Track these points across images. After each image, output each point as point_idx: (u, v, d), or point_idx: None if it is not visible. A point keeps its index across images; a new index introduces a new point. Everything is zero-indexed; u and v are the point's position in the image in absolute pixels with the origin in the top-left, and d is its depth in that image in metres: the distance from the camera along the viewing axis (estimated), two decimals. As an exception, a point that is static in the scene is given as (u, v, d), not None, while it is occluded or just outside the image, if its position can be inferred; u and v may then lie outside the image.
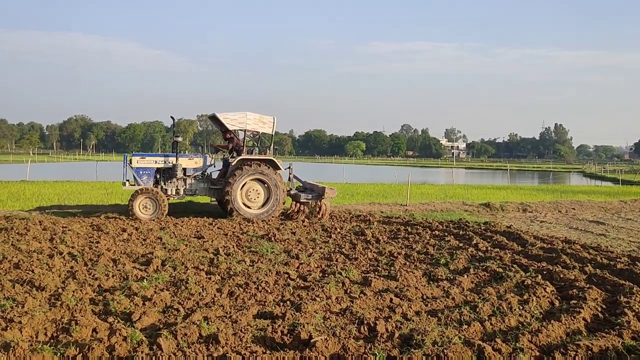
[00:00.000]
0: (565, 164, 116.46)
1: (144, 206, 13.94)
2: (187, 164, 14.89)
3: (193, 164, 14.99)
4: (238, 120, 14.75)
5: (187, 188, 14.91)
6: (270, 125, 15.14)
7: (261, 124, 15.03)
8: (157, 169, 14.78)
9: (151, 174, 14.67)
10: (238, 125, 14.86)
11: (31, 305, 6.06)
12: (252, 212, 14.43)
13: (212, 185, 15.00)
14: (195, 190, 14.99)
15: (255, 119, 14.88)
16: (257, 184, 14.60)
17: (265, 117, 15.09)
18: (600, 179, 50.38)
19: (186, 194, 15.02)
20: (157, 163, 14.73)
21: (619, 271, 8.29)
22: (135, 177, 14.52)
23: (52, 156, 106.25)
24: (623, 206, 20.17)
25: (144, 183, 14.45)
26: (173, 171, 14.66)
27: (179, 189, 14.81)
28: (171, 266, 8.30)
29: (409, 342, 5.13)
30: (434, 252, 9.95)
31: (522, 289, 7.30)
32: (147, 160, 14.68)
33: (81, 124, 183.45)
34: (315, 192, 15.15)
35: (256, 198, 14.59)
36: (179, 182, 14.79)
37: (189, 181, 14.90)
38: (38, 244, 9.78)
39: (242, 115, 14.75)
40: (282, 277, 7.80)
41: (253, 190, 14.55)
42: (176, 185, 14.78)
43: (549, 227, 14.43)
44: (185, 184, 14.88)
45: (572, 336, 5.45)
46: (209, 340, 5.10)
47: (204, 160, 15.19)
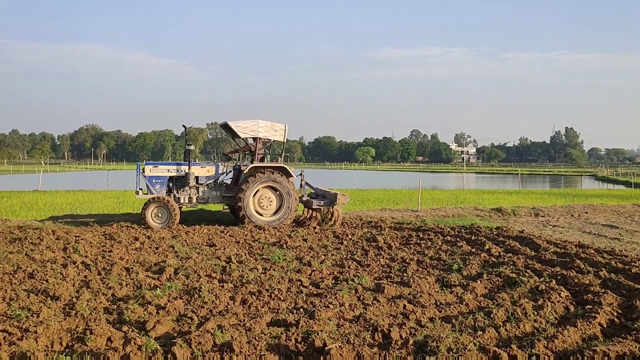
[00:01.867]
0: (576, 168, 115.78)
1: (156, 215, 13.99)
2: (199, 172, 14.99)
3: (205, 172, 15.08)
4: (250, 129, 14.87)
5: (199, 196, 14.96)
6: (281, 132, 15.27)
7: (273, 131, 15.15)
8: (170, 178, 14.87)
9: (164, 183, 14.75)
10: (250, 134, 14.98)
11: (46, 314, 6.09)
12: (265, 220, 14.45)
13: (225, 193, 15.05)
14: (207, 198, 15.05)
15: (267, 127, 15.01)
16: (270, 191, 14.64)
17: (277, 124, 15.21)
18: (612, 182, 50.07)
19: (199, 202, 15.08)
20: (169, 172, 14.82)
21: (634, 275, 8.22)
22: (148, 185, 14.59)
23: (64, 166, 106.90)
24: (637, 209, 20.01)
25: (157, 192, 14.52)
26: (186, 179, 14.75)
27: (192, 197, 14.87)
28: (184, 274, 8.32)
29: (424, 349, 5.11)
30: (446, 258, 9.91)
31: (537, 295, 7.24)
32: (159, 169, 14.77)
33: (92, 133, 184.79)
34: (327, 199, 15.16)
35: (268, 205, 14.61)
36: (192, 190, 14.86)
37: (201, 189, 14.96)
38: (52, 254, 9.84)
39: (254, 124, 14.87)
40: (294, 284, 7.80)
41: (265, 198, 14.58)
42: (189, 193, 14.84)
43: (561, 232, 14.33)
44: (198, 192, 14.94)
45: (588, 342, 5.41)
46: (223, 348, 5.10)
47: (216, 168, 15.28)
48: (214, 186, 15.22)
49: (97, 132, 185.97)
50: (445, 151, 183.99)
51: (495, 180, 59.59)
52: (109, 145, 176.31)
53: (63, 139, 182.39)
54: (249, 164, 14.89)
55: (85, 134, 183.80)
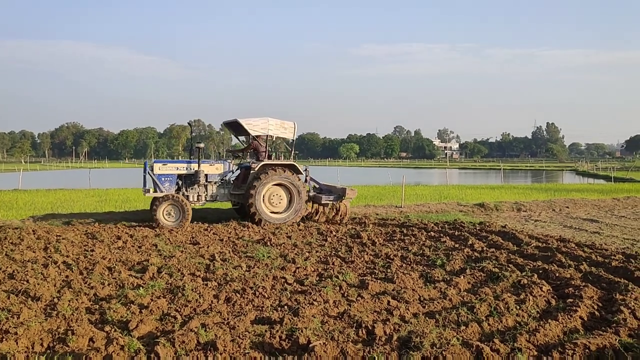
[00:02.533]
0: (557, 163, 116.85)
1: (168, 213, 13.86)
2: (208, 170, 14.94)
3: (214, 170, 15.04)
4: (260, 126, 14.97)
5: (208, 194, 14.92)
6: (291, 130, 15.48)
7: (282, 129, 15.34)
8: (179, 175, 14.80)
9: (173, 181, 14.65)
10: (260, 131, 15.07)
11: (27, 315, 6.02)
12: (275, 217, 14.55)
13: (233, 191, 15.08)
14: (216, 196, 15.03)
15: (276, 125, 15.17)
16: (280, 188, 14.74)
17: (286, 122, 15.39)
18: (592, 177, 50.58)
19: (207, 200, 15.04)
20: (178, 169, 14.73)
21: (614, 269, 8.32)
22: (157, 184, 14.43)
23: (45, 164, 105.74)
24: (616, 203, 20.26)
25: (166, 190, 14.41)
26: (196, 177, 14.69)
27: (201, 195, 14.82)
28: (167, 273, 8.27)
29: (408, 345, 5.13)
30: (430, 254, 9.96)
31: (519, 289, 7.31)
32: (169, 167, 14.67)
33: (73, 131, 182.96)
34: (335, 194, 15.31)
35: (279, 203, 14.71)
36: (201, 188, 14.82)
37: (210, 187, 14.92)
38: (32, 254, 9.72)
39: (264, 121, 14.98)
40: (279, 281, 7.79)
41: (276, 195, 14.69)
42: (198, 191, 14.79)
43: (543, 226, 14.47)
44: (207, 190, 14.90)
45: (569, 335, 5.47)
46: (207, 347, 5.08)
47: (224, 166, 15.30)
48: (222, 184, 15.21)
49: (79, 130, 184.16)
50: (428, 147, 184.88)
51: (478, 176, 59.99)
52: (90, 144, 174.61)
53: (43, 137, 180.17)
54: (259, 162, 14.93)
55: (66, 132, 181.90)
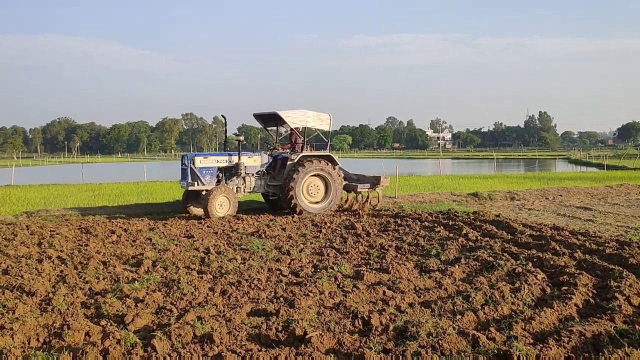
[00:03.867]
0: (550, 151, 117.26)
1: (220, 204, 14.17)
2: (247, 162, 15.24)
3: (252, 162, 15.36)
4: (299, 118, 15.34)
5: (247, 185, 15.26)
6: (327, 122, 15.83)
7: (319, 121, 15.67)
8: (219, 168, 15.05)
9: (214, 173, 14.92)
10: (299, 123, 15.46)
11: (22, 311, 6.00)
12: (314, 207, 14.96)
13: (270, 182, 15.38)
14: (254, 187, 15.38)
15: (314, 117, 15.50)
16: (317, 179, 15.14)
17: (323, 114, 15.72)
18: (585, 165, 50.86)
19: (245, 192, 15.38)
20: (219, 162, 15.05)
21: (608, 256, 8.36)
22: (199, 176, 14.65)
23: (37, 160, 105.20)
24: (609, 191, 20.34)
25: (207, 182, 14.68)
26: (236, 170, 15.02)
27: (240, 187, 15.17)
28: (162, 267, 8.25)
29: (404, 335, 5.14)
30: (424, 244, 9.98)
31: (514, 277, 7.34)
32: (209, 160, 14.97)
33: (65, 126, 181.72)
34: (368, 182, 15.72)
35: (316, 193, 15.13)
36: (240, 180, 15.12)
37: (248, 179, 15.24)
38: (26, 249, 9.68)
39: (302, 114, 15.33)
40: (274, 273, 7.79)
41: (313, 186, 15.09)
42: (237, 183, 15.11)
43: (537, 215, 14.52)
44: (245, 182, 15.22)
45: (564, 322, 5.49)
46: (203, 339, 5.07)
47: (262, 158, 15.59)
48: (259, 175, 15.47)
49: (70, 124, 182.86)
50: (421, 137, 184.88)
51: (471, 165, 60.15)
52: (82, 138, 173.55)
53: (35, 133, 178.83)
54: (297, 153, 15.24)
55: (58, 126, 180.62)
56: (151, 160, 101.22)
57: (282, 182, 14.96)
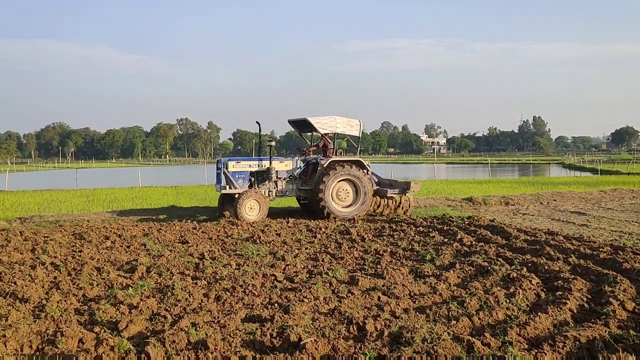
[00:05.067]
0: (544, 156, 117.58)
1: (250, 207, 14.42)
2: (278, 166, 15.55)
3: (284, 166, 15.73)
4: (329, 124, 15.58)
5: (278, 190, 15.60)
6: (357, 128, 16.08)
7: (349, 127, 15.92)
8: (251, 172, 15.41)
9: (246, 177, 15.33)
10: (329, 129, 15.66)
11: (15, 317, 5.96)
12: (343, 211, 15.09)
13: (302, 186, 15.60)
14: (285, 191, 15.71)
15: (343, 122, 15.75)
16: (347, 183, 15.29)
17: (352, 120, 15.97)
18: (579, 170, 50.97)
19: (277, 196, 15.66)
20: (251, 167, 15.44)
21: (603, 261, 8.38)
22: (232, 180, 15.04)
23: (31, 165, 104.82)
24: (603, 196, 20.40)
25: (240, 186, 15.07)
26: (268, 174, 15.38)
27: (272, 191, 15.53)
28: (156, 273, 8.22)
29: (399, 340, 5.14)
30: (419, 249, 9.98)
31: (508, 282, 7.34)
32: (242, 165, 15.39)
33: (59, 131, 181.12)
34: (399, 187, 15.85)
35: (346, 197, 15.30)
36: (271, 184, 15.46)
37: (280, 183, 15.56)
38: (20, 255, 9.63)
39: (331, 120, 15.57)
40: (268, 279, 7.77)
41: (343, 190, 15.25)
42: (269, 187, 15.47)
43: (531, 220, 14.54)
44: (277, 186, 15.52)
45: (559, 327, 5.50)
46: (197, 346, 5.05)
47: (293, 163, 15.88)
48: (290, 180, 15.73)
49: (65, 130, 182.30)
50: (416, 142, 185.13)
51: (466, 170, 60.27)
52: (77, 143, 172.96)
53: (29, 138, 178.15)
54: (327, 158, 15.41)
55: (52, 132, 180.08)
56: (146, 165, 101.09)
57: (313, 187, 15.16)
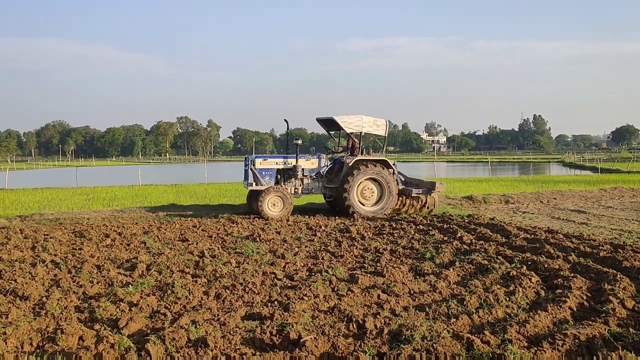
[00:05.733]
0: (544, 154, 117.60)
1: (273, 204, 14.71)
2: (304, 164, 15.76)
3: (310, 164, 15.93)
4: (355, 124, 15.66)
5: (304, 187, 15.80)
6: (383, 127, 16.15)
7: (375, 126, 16.01)
8: (278, 170, 15.69)
9: (272, 175, 15.60)
10: (355, 128, 15.75)
11: (15, 315, 5.97)
12: (367, 210, 15.16)
13: (327, 184, 15.73)
14: (311, 189, 15.89)
15: (370, 122, 15.82)
16: (372, 182, 15.36)
17: (379, 119, 16.05)
18: (579, 168, 50.96)
19: (302, 193, 15.83)
20: (277, 164, 15.72)
21: (602, 259, 8.38)
22: (258, 177, 15.30)
23: (31, 163, 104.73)
24: (603, 194, 20.40)
25: (266, 183, 15.29)
26: (294, 172, 15.65)
27: (297, 188, 15.73)
28: (156, 270, 8.23)
29: (398, 338, 5.14)
30: (419, 247, 9.99)
31: (508, 280, 7.35)
32: (269, 162, 15.67)
33: (59, 129, 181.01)
34: (424, 187, 15.93)
35: (371, 196, 15.35)
36: (297, 181, 15.71)
37: (305, 181, 15.77)
38: (20, 253, 9.64)
39: (358, 119, 15.65)
40: (268, 277, 7.78)
41: (368, 189, 15.31)
42: (295, 184, 15.67)
43: (531, 218, 14.55)
44: (303, 184, 15.75)
45: (559, 325, 5.50)
46: (197, 344, 5.06)
47: (319, 161, 16.00)
48: (316, 178, 15.90)
49: (65, 128, 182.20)
50: (416, 141, 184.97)
51: (466, 169, 60.25)
52: (77, 142, 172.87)
53: (29, 136, 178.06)
54: (352, 157, 15.51)
55: (52, 130, 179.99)
56: (146, 163, 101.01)
57: (338, 185, 15.25)
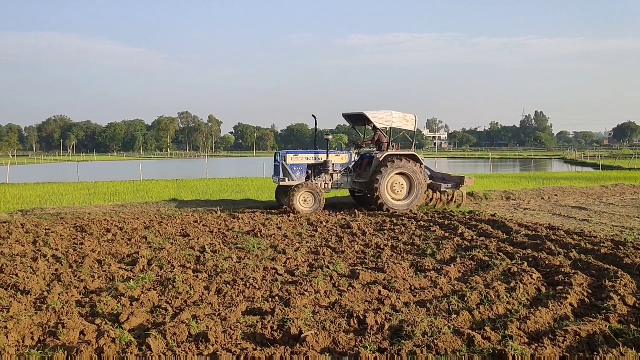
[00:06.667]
0: (546, 151, 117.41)
1: (304, 200, 14.86)
2: (335, 159, 15.84)
3: (340, 159, 16.01)
4: (385, 119, 15.76)
5: (334, 182, 15.90)
6: (412, 122, 16.30)
7: (405, 121, 16.14)
8: (309, 165, 15.77)
9: (304, 170, 15.69)
10: (385, 123, 15.87)
11: (16, 309, 5.98)
12: (397, 204, 15.28)
13: (356, 179, 15.84)
14: (341, 184, 16.02)
15: (399, 117, 15.92)
16: (402, 177, 15.48)
17: (408, 115, 16.19)
18: (581, 165, 50.94)
19: (332, 188, 15.94)
20: (308, 160, 15.78)
21: (603, 256, 8.38)
22: (290, 172, 15.42)
23: (32, 158, 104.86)
24: (604, 191, 20.36)
25: (297, 179, 15.41)
26: (325, 167, 15.69)
27: (328, 184, 15.84)
28: (158, 265, 8.24)
29: (399, 334, 5.15)
30: (420, 243, 9.99)
31: (509, 277, 7.35)
32: (300, 157, 15.73)
33: (61, 124, 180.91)
34: (452, 182, 16.14)
35: (400, 190, 15.46)
36: (327, 176, 15.78)
37: (336, 176, 15.88)
38: (21, 247, 9.65)
39: (388, 114, 15.72)
40: (269, 272, 7.78)
41: (398, 184, 15.43)
42: (325, 179, 15.77)
43: (532, 215, 14.54)
44: (333, 179, 15.86)
45: (560, 322, 5.50)
46: (198, 339, 5.07)
47: (349, 156, 16.07)
48: (345, 173, 15.99)
49: (66, 123, 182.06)
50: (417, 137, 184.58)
51: (467, 165, 60.19)
52: (78, 137, 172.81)
53: (30, 131, 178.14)
54: (383, 152, 15.60)
55: (54, 125, 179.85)
56: (147, 159, 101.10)
57: (368, 180, 15.34)
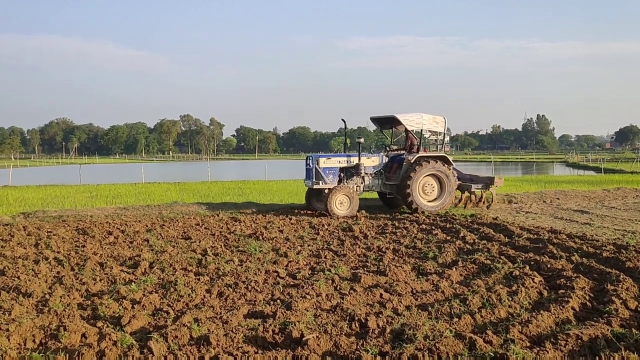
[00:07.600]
0: (548, 154, 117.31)
1: (340, 202, 14.94)
2: (367, 162, 16.07)
3: (371, 162, 16.20)
4: (415, 121, 15.91)
5: (365, 184, 16.00)
6: (442, 124, 16.41)
7: (435, 123, 16.26)
8: (341, 168, 15.89)
9: (336, 173, 15.82)
10: (415, 126, 15.99)
11: (18, 312, 5.98)
12: (428, 205, 15.48)
13: (387, 181, 15.98)
14: (371, 186, 16.14)
15: (429, 119, 16.06)
16: (432, 178, 15.69)
17: (438, 117, 16.33)
18: (583, 169, 50.84)
19: (364, 190, 16.04)
20: (340, 163, 15.93)
21: (605, 259, 8.37)
22: (322, 176, 15.51)
23: (34, 160, 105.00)
24: (606, 194, 20.34)
25: (330, 182, 15.56)
26: (357, 170, 15.81)
27: (359, 186, 15.92)
28: (159, 268, 8.24)
29: (401, 337, 5.14)
30: (422, 246, 9.98)
31: (511, 280, 7.34)
32: (332, 161, 15.90)
33: (63, 127, 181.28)
34: (481, 182, 16.38)
35: (431, 192, 15.69)
36: (359, 179, 15.89)
37: (367, 178, 16.00)
38: (23, 250, 9.66)
39: (418, 117, 15.89)
40: (271, 275, 7.78)
41: (429, 185, 15.65)
42: (356, 182, 15.88)
43: (534, 218, 14.51)
44: (364, 181, 15.98)
45: (561, 326, 5.49)
46: (200, 341, 5.06)
47: (380, 159, 16.35)
48: (376, 175, 16.12)
49: (68, 125, 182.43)
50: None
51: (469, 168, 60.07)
52: (80, 139, 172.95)
53: (33, 133, 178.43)
54: (414, 154, 15.76)
55: (56, 127, 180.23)
56: (149, 161, 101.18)
57: (399, 182, 15.46)
